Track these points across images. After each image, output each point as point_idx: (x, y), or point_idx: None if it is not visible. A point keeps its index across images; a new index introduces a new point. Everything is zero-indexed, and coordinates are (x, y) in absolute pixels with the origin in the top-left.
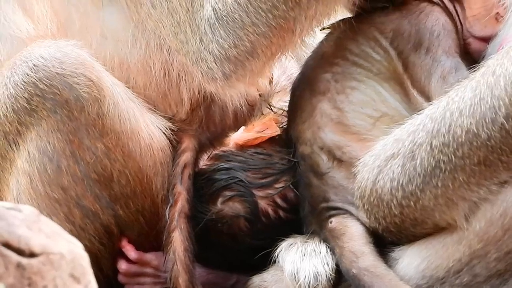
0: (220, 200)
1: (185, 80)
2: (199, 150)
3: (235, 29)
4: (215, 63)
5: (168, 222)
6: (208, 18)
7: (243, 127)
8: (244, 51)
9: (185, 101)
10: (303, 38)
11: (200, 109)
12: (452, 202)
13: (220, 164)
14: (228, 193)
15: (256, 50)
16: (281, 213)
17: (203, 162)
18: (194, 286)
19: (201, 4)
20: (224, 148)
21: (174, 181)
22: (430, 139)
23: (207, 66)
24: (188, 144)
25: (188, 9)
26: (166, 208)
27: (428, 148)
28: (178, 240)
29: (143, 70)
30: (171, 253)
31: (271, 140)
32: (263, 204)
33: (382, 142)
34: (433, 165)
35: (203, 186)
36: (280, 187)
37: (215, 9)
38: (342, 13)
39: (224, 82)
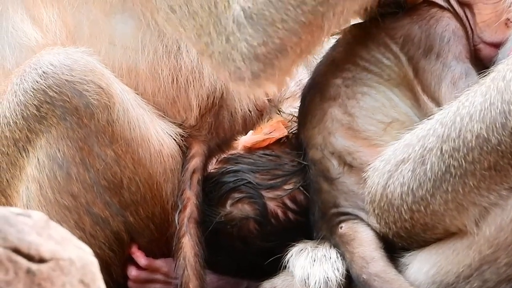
0: (229, 202)
1: (193, 86)
2: (208, 156)
3: (265, 26)
4: (244, 62)
5: (178, 227)
6: (236, 18)
7: (251, 130)
8: (274, 49)
9: (194, 107)
10: (330, 36)
11: (209, 115)
12: (462, 207)
13: (229, 166)
14: (237, 195)
15: (286, 47)
16: (290, 215)
17: (212, 166)
18: None
19: (227, 5)
20: (233, 151)
21: (183, 187)
22: (441, 144)
23: (235, 65)
24: (197, 149)
25: (212, 11)
26: (176, 214)
27: (439, 153)
28: (188, 245)
29: (152, 76)
30: (181, 259)
31: (280, 142)
32: (272, 205)
33: (392, 147)
34: (443, 170)
35: (212, 189)
36: (290, 189)
37: (244, 8)
38: (353, 19)
39: (252, 82)
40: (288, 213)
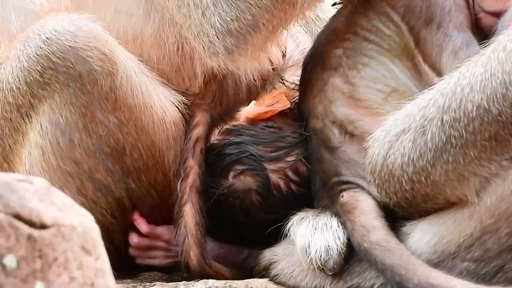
0: (231, 174)
1: (199, 53)
2: (211, 125)
3: (238, 2)
4: (217, 37)
5: (180, 196)
6: None
7: (253, 101)
8: (246, 24)
9: (198, 75)
10: (304, 12)
11: (214, 83)
12: (463, 177)
13: (231, 138)
14: (239, 167)
15: (258, 23)
16: (293, 186)
17: (214, 137)
18: (205, 260)
19: None
20: (235, 123)
21: (186, 155)
22: (441, 115)
23: (209, 40)
24: (200, 118)
25: None
26: (178, 182)
27: (439, 123)
28: (189, 214)
29: (157, 44)
30: (182, 227)
31: (282, 113)
32: (274, 177)
33: (393, 117)
34: (444, 140)
35: (214, 161)
36: (292, 161)
37: None
38: None
39: (226, 57)
40: (290, 184)
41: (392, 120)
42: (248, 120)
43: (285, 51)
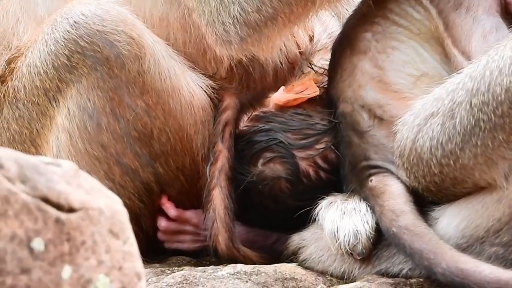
0: (260, 161)
1: (207, 41)
2: (240, 110)
3: None
4: (234, 26)
5: (209, 180)
6: None
7: (282, 88)
8: (265, 17)
9: (224, 58)
10: (322, 9)
11: (240, 66)
12: (491, 161)
13: (260, 125)
14: (268, 155)
15: (277, 17)
16: (322, 174)
17: (243, 123)
18: (234, 244)
19: None
20: (264, 109)
21: (215, 139)
22: (470, 98)
23: (224, 28)
24: (229, 102)
25: None
26: (207, 166)
27: (468, 106)
28: (218, 198)
29: (182, 27)
30: (211, 211)
31: (311, 100)
32: (304, 165)
33: (421, 101)
34: (473, 123)
35: (244, 148)
36: (321, 148)
37: None
38: None
39: (238, 46)
40: (319, 172)
41: (421, 104)
42: (277, 107)
43: (312, 35)
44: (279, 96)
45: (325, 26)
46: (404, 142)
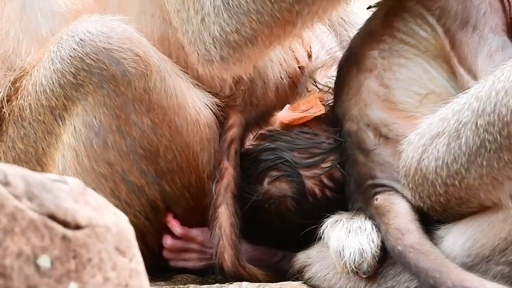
0: (266, 180)
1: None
2: (246, 127)
3: (240, 14)
4: (214, 46)
5: (215, 197)
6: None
7: (288, 106)
8: (245, 37)
9: (227, 76)
10: (303, 31)
11: (243, 83)
12: (497, 181)
13: (266, 144)
14: (274, 173)
15: (256, 38)
16: (328, 192)
17: (249, 142)
18: (240, 262)
19: None
20: (270, 128)
21: (221, 157)
22: (476, 118)
23: (205, 47)
24: (235, 120)
25: None
26: (213, 183)
27: (474, 127)
28: (224, 215)
29: (182, 45)
30: (217, 228)
31: (317, 119)
32: (310, 184)
33: (427, 121)
34: (478, 144)
35: (250, 166)
36: (327, 167)
37: None
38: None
39: (220, 65)
40: (325, 191)
41: (426, 124)
42: (282, 126)
43: (310, 51)
44: (285, 115)
45: (322, 43)
46: (409, 162)
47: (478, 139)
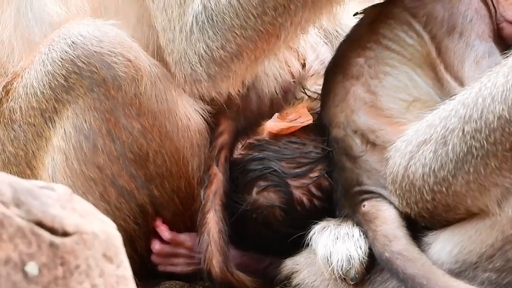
0: (255, 190)
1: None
2: (236, 134)
3: (224, 30)
4: (200, 64)
5: (203, 203)
6: (197, 15)
7: (276, 114)
8: (231, 53)
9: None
10: (288, 43)
11: (237, 97)
12: (484, 188)
13: (255, 153)
14: (262, 183)
15: (242, 53)
16: (316, 202)
17: (237, 151)
18: (228, 268)
19: (192, 0)
20: (258, 137)
21: (210, 163)
22: (462, 125)
23: (191, 67)
24: (226, 126)
25: (181, 5)
26: (201, 189)
27: (460, 134)
28: (212, 221)
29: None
30: (206, 234)
31: (305, 128)
32: (298, 193)
33: (414, 128)
34: (465, 151)
35: (238, 176)
36: (315, 177)
37: (206, 7)
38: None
39: (208, 83)
40: (313, 200)
41: (413, 131)
42: (271, 135)
43: (304, 63)
44: (273, 125)
45: (317, 53)
46: (396, 169)
47: (465, 146)
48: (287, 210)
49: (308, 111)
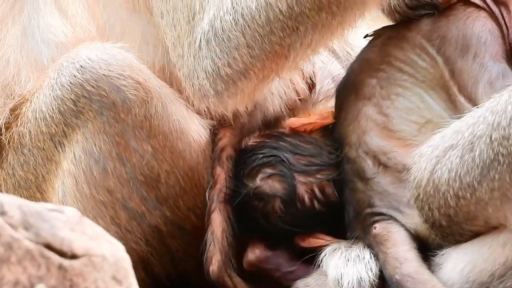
0: (260, 176)
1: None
2: (240, 134)
3: (230, 48)
4: (207, 80)
5: (209, 203)
6: (205, 33)
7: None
8: (238, 71)
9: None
10: (297, 64)
11: (243, 116)
12: (506, 197)
13: (269, 141)
14: (269, 171)
15: (249, 71)
16: (315, 203)
17: (252, 140)
18: (226, 269)
19: (201, 17)
20: (279, 130)
21: (214, 164)
22: (490, 132)
23: (199, 82)
24: (225, 132)
25: (190, 22)
26: (207, 190)
27: (488, 140)
28: (216, 221)
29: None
30: (209, 233)
31: (324, 133)
32: (301, 189)
33: (440, 134)
34: (492, 157)
35: (246, 160)
36: (321, 178)
37: (213, 25)
38: (385, 21)
39: (215, 99)
40: (314, 200)
41: (440, 137)
42: (290, 130)
43: (312, 83)
44: (295, 120)
45: (327, 72)
46: (421, 173)
47: (492, 153)
48: (287, 203)
49: (332, 115)
